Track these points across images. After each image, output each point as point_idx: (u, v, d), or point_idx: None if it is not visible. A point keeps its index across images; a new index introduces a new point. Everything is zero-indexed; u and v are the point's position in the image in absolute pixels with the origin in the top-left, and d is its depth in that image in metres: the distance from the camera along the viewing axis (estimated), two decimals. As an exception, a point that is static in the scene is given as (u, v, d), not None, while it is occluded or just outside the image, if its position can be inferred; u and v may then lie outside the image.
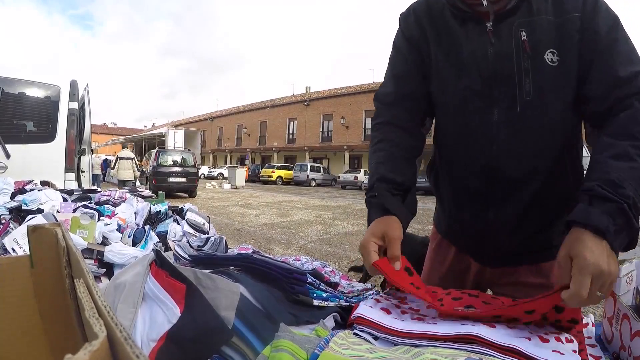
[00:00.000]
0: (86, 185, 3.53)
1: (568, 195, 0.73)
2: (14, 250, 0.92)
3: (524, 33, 0.69)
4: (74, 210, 1.30)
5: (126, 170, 10.38)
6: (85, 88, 3.65)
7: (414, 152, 0.84)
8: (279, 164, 27.58)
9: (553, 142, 0.73)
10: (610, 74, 0.66)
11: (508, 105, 0.72)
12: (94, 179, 6.58)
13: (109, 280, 0.66)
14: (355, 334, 0.52)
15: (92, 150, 4.12)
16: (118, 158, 10.64)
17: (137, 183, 11.07)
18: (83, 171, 3.55)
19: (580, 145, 0.80)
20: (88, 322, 0.22)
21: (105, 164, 18.11)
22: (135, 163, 10.71)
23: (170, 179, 12.03)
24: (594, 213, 0.56)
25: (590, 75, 0.68)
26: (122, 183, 10.23)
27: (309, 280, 0.62)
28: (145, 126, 61.99)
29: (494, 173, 0.76)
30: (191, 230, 1.28)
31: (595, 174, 0.60)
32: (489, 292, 0.88)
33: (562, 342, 0.46)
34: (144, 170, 13.02)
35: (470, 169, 0.79)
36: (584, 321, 0.61)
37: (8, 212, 1.23)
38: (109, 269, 0.92)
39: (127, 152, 10.93)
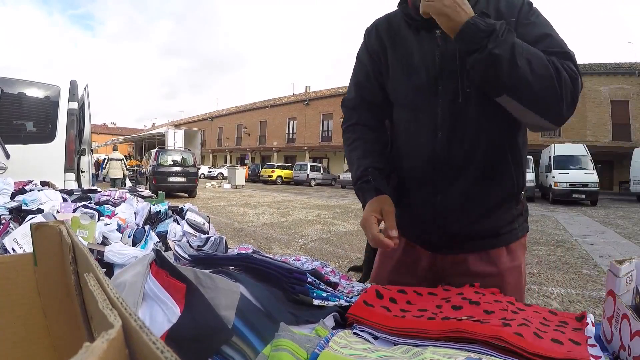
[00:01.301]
0: (86, 185, 3.53)
1: (509, 181, 0.84)
2: (14, 250, 0.92)
3: None
4: (74, 210, 1.30)
5: (116, 170, 11.73)
6: (85, 88, 3.65)
7: (384, 145, 0.96)
8: (279, 164, 27.56)
9: (492, 130, 0.81)
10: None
11: (451, 98, 0.81)
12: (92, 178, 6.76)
13: (109, 279, 0.66)
14: (355, 333, 0.52)
15: (91, 150, 4.12)
16: (109, 159, 12.09)
17: (127, 181, 12.35)
18: (83, 171, 3.55)
19: (521, 134, 0.87)
20: (102, 313, 0.22)
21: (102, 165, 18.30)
22: (124, 163, 12.02)
23: (170, 179, 12.04)
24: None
25: None
26: (112, 181, 11.61)
27: (309, 280, 0.63)
28: (145, 126, 62.02)
29: (439, 160, 0.84)
30: (191, 230, 1.28)
31: None
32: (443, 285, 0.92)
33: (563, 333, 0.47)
34: (141, 170, 13.24)
35: (419, 158, 0.87)
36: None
37: (8, 212, 1.23)
38: (109, 268, 0.92)
39: (117, 154, 12.19)
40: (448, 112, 0.82)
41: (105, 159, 13.83)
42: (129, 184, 12.58)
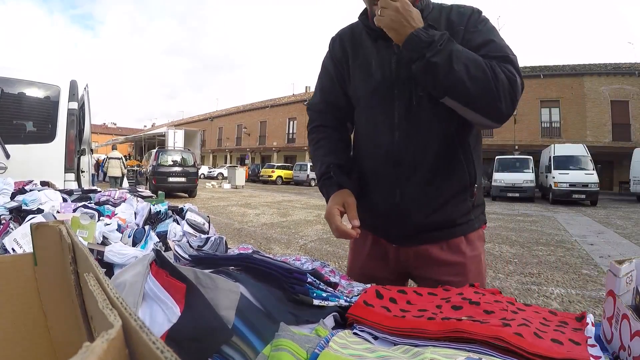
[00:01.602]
0: (86, 185, 3.53)
1: (462, 176, 0.91)
2: (14, 250, 0.92)
3: None
4: (74, 211, 1.29)
5: (115, 169, 12.29)
6: (85, 88, 3.65)
7: (347, 145, 1.06)
8: (279, 164, 27.57)
9: (443, 130, 0.89)
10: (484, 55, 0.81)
11: (406, 100, 0.89)
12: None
13: (109, 279, 0.66)
14: (355, 333, 0.52)
15: (91, 150, 4.12)
16: (108, 158, 12.72)
17: (125, 180, 12.91)
18: (83, 171, 3.55)
19: (474, 133, 0.94)
20: (102, 313, 0.22)
21: (102, 165, 18.46)
22: (123, 162, 12.60)
23: (170, 179, 12.04)
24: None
25: None
26: (112, 179, 12.22)
27: (309, 280, 0.63)
28: (145, 126, 62.01)
29: (397, 158, 0.91)
30: (191, 230, 1.28)
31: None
32: (412, 283, 0.99)
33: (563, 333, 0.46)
34: (141, 170, 13.42)
35: (378, 156, 0.94)
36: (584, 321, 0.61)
37: (8, 212, 1.23)
38: (109, 268, 0.92)
39: (116, 153, 12.77)
40: (404, 114, 0.89)
41: (105, 158, 14.53)
42: (126, 182, 13.07)
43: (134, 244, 1.12)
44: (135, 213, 1.35)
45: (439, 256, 0.94)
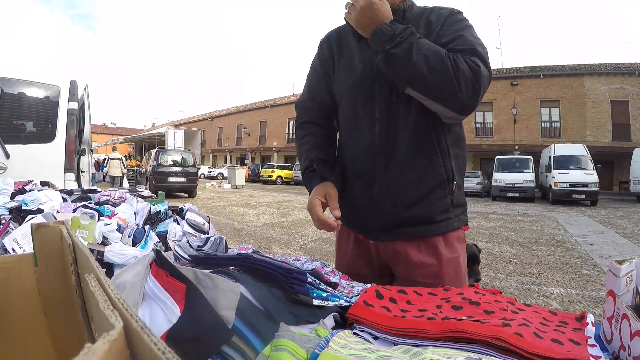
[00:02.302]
0: (86, 185, 3.53)
1: (438, 169, 0.92)
2: (14, 250, 0.92)
3: None
4: (74, 211, 1.29)
5: (115, 169, 13.05)
6: (84, 88, 3.65)
7: (332, 141, 1.10)
8: (279, 164, 27.55)
9: (421, 124, 0.91)
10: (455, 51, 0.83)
11: (386, 95, 0.93)
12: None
13: (110, 280, 0.66)
14: (355, 333, 0.52)
15: (91, 150, 4.12)
16: (109, 159, 13.49)
17: (125, 179, 13.62)
18: (83, 171, 3.55)
19: (451, 130, 0.96)
20: (103, 313, 0.22)
21: (102, 165, 18.62)
22: (123, 163, 13.34)
23: (170, 179, 12.04)
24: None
25: None
26: (112, 179, 12.94)
27: (309, 280, 0.63)
28: (145, 126, 61.94)
29: (376, 149, 0.94)
30: (191, 230, 1.28)
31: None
32: (395, 281, 1.00)
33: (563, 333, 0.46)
34: (141, 170, 13.64)
35: (359, 149, 0.97)
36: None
37: (8, 212, 1.23)
38: (109, 269, 0.92)
39: (116, 154, 13.51)
40: (384, 108, 0.93)
41: (105, 158, 15.48)
42: (126, 182, 13.61)
43: (134, 244, 1.12)
44: (135, 213, 1.35)
45: (415, 257, 0.94)
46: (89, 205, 1.39)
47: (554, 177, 13.26)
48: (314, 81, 1.11)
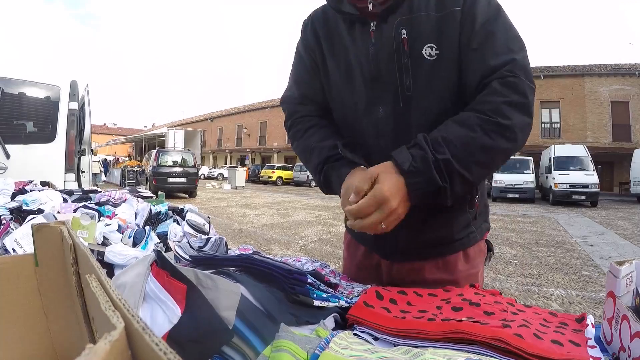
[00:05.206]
0: (86, 185, 3.53)
1: None
2: (14, 250, 0.92)
3: (404, 31, 0.73)
4: (74, 211, 1.30)
5: (95, 167, 13.32)
6: (85, 88, 3.65)
7: (337, 129, 0.88)
8: (279, 164, 27.56)
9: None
10: (484, 64, 0.69)
11: (391, 102, 0.76)
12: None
13: (110, 280, 0.66)
14: (355, 334, 0.52)
15: (92, 150, 4.12)
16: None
17: (102, 175, 14.37)
18: (83, 171, 3.55)
19: None
20: (104, 314, 0.23)
21: (105, 165, 18.79)
22: (101, 162, 13.87)
23: (171, 180, 12.05)
24: (403, 151, 0.66)
25: (467, 66, 0.72)
26: (93, 175, 13.72)
27: (309, 280, 0.63)
28: (145, 126, 61.96)
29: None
30: (191, 231, 1.28)
31: (434, 132, 0.68)
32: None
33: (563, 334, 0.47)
34: (141, 170, 13.84)
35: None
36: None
37: (8, 213, 1.23)
38: (109, 269, 0.92)
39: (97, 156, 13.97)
40: (390, 117, 0.77)
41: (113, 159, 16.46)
42: (103, 177, 13.88)
43: (135, 245, 1.12)
44: (135, 213, 1.35)
45: (433, 275, 0.84)
46: (90, 205, 1.39)
47: (554, 178, 13.26)
48: (302, 74, 0.92)
